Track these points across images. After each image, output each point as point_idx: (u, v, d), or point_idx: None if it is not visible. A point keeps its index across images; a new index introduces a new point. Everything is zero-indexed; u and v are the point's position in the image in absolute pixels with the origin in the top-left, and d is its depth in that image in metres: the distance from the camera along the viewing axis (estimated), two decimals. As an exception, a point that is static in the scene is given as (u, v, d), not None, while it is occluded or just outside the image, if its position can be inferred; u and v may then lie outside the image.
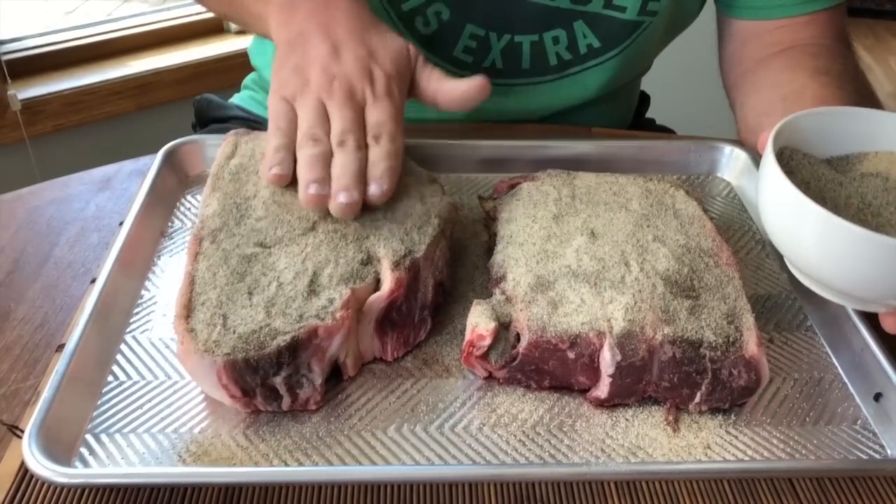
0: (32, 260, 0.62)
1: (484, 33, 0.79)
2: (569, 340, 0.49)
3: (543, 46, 0.79)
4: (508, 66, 0.81)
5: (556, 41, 0.79)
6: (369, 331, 0.51)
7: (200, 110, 0.95)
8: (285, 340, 0.47)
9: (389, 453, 0.47)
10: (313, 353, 0.48)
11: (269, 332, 0.47)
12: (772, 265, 0.63)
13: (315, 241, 0.52)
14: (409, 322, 0.53)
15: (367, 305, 0.50)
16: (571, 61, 0.80)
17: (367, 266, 0.51)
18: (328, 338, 0.48)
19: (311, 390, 0.49)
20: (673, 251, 0.54)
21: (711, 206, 0.69)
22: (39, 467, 0.43)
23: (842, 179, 0.53)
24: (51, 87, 1.55)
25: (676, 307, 0.50)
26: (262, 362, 0.46)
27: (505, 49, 0.79)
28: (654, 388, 0.50)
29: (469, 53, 0.80)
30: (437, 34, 0.79)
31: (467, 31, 0.78)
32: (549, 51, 0.80)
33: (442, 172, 0.68)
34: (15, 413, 0.50)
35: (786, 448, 0.48)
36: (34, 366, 0.53)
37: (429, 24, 0.78)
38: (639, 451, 0.48)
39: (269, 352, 0.46)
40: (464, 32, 0.78)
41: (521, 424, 0.49)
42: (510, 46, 0.79)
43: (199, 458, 0.46)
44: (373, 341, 0.52)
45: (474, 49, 0.80)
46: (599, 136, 0.80)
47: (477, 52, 0.80)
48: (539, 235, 0.56)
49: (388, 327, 0.52)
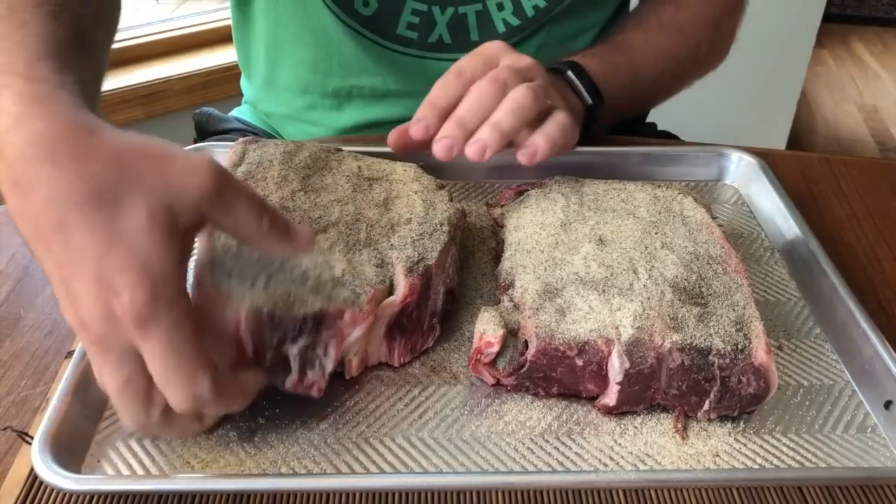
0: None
1: (426, 8, 0.78)
2: (577, 348, 0.49)
3: (489, 15, 0.79)
4: (456, 39, 0.80)
5: (500, 7, 0.79)
6: (379, 334, 0.51)
7: (200, 124, 0.95)
8: (314, 309, 0.47)
9: (397, 460, 0.47)
10: (335, 334, 0.48)
11: (299, 298, 0.47)
12: (780, 272, 0.62)
13: (327, 243, 0.53)
14: (419, 328, 0.53)
15: (379, 309, 0.50)
16: (520, 26, 0.80)
17: (381, 268, 0.52)
18: (352, 325, 0.48)
19: (319, 374, 0.48)
20: (681, 258, 0.54)
21: (719, 212, 0.69)
22: (49, 474, 0.43)
23: None
24: (60, 96, 1.56)
25: (685, 314, 0.50)
26: (286, 322, 0.46)
27: (450, 22, 0.79)
28: (663, 396, 0.49)
29: (413, 30, 0.79)
30: (378, 14, 0.78)
31: (408, 6, 0.78)
32: (496, 18, 0.79)
33: (450, 179, 0.68)
34: (24, 420, 0.50)
35: (795, 456, 0.48)
36: (44, 372, 0.53)
37: (368, 4, 0.77)
38: (647, 459, 0.48)
39: (296, 314, 0.46)
40: (405, 9, 0.78)
41: (530, 432, 0.49)
42: (455, 19, 0.79)
43: (207, 466, 0.46)
44: (381, 346, 0.52)
45: (418, 25, 0.79)
46: (607, 142, 0.80)
47: (421, 28, 0.79)
48: (547, 242, 0.56)
49: (398, 332, 0.52)
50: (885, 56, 3.14)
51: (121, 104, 1.58)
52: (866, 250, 0.67)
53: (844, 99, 2.90)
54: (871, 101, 2.89)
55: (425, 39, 0.80)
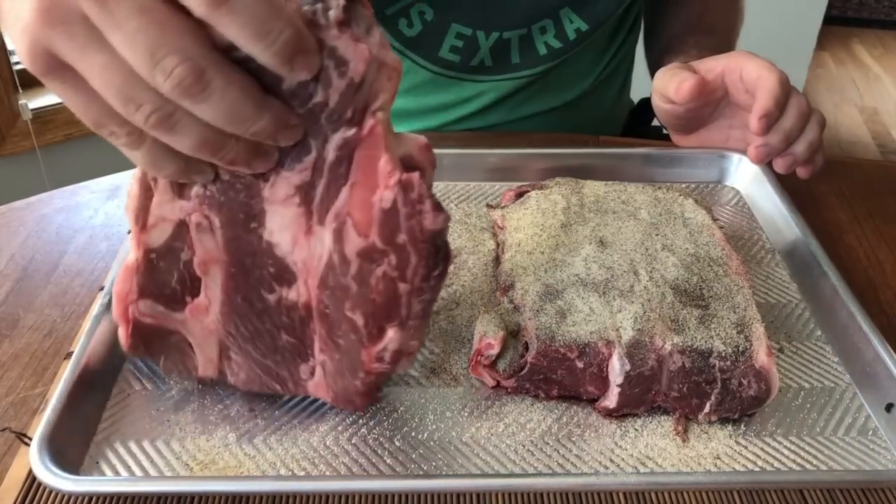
0: (41, 268, 0.63)
1: (471, 32, 0.78)
2: (577, 349, 0.49)
3: (532, 39, 0.79)
4: (497, 62, 0.80)
5: (543, 31, 0.79)
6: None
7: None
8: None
9: (397, 463, 0.47)
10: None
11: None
12: (781, 274, 0.62)
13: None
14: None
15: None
16: (561, 49, 0.80)
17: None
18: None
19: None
20: (682, 260, 0.54)
21: (720, 214, 0.69)
22: (47, 475, 0.43)
23: None
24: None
25: (686, 316, 0.50)
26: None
27: (494, 46, 0.79)
28: (664, 398, 0.49)
29: (456, 53, 0.79)
30: (422, 35, 0.78)
31: (453, 30, 0.78)
32: (538, 42, 0.79)
33: (450, 181, 0.68)
34: (23, 421, 0.50)
35: (796, 459, 0.48)
36: (42, 374, 0.53)
37: (413, 25, 0.77)
38: (648, 462, 0.47)
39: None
40: (449, 32, 0.78)
41: (530, 434, 0.49)
42: (499, 43, 0.79)
43: (206, 467, 0.46)
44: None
45: (461, 49, 0.79)
46: (607, 144, 0.80)
47: (464, 52, 0.79)
48: (547, 244, 0.56)
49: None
50: (885, 58, 3.14)
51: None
52: (867, 252, 0.67)
53: (845, 101, 2.90)
54: (871, 103, 2.89)
55: (467, 63, 0.80)
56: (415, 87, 0.83)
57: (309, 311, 0.44)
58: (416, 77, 0.82)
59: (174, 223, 0.44)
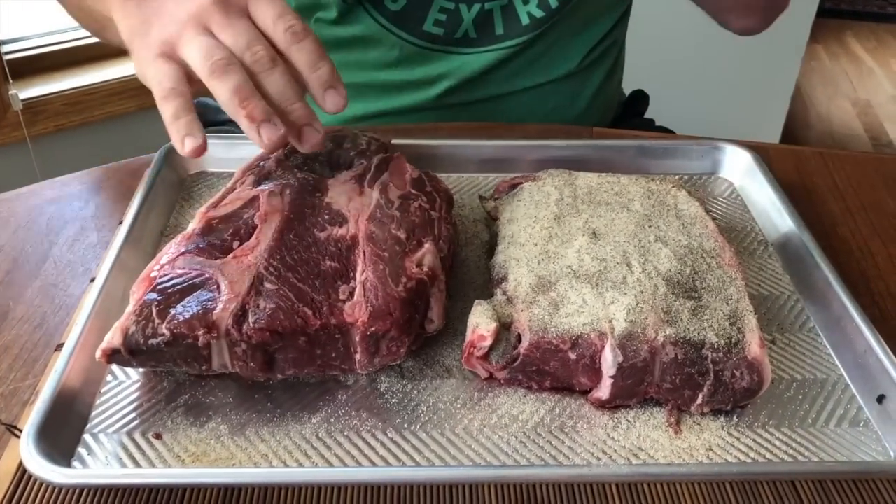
0: (32, 259, 0.62)
1: (454, 6, 0.79)
2: (570, 341, 0.49)
3: (514, 8, 0.80)
4: (481, 34, 0.81)
5: (525, 0, 0.79)
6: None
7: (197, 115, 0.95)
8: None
9: (389, 454, 0.47)
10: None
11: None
12: (774, 266, 0.62)
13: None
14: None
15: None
16: (543, 18, 0.81)
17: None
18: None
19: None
20: (675, 252, 0.54)
21: (713, 206, 0.69)
22: (38, 467, 0.43)
23: None
24: (52, 87, 1.55)
25: (678, 308, 0.50)
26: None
27: (476, 18, 0.80)
28: (656, 390, 0.49)
29: (440, 26, 0.80)
30: (406, 10, 0.79)
31: (436, 4, 0.79)
32: (521, 11, 0.80)
33: (443, 172, 0.68)
34: (13, 413, 0.50)
35: (788, 450, 0.48)
36: (33, 365, 0.53)
37: (397, 0, 0.78)
38: (640, 453, 0.47)
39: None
40: (433, 6, 0.79)
41: (522, 425, 0.49)
42: (481, 15, 0.80)
43: (198, 459, 0.46)
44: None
45: (444, 22, 0.80)
46: (601, 136, 0.80)
47: (448, 25, 0.80)
48: (540, 236, 0.56)
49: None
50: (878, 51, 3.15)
51: (112, 96, 1.57)
52: (860, 244, 0.67)
53: (838, 94, 2.91)
54: (864, 96, 2.89)
55: (451, 35, 0.81)
56: (401, 60, 0.84)
57: (355, 241, 0.54)
58: (402, 51, 0.83)
59: (246, 200, 0.57)
